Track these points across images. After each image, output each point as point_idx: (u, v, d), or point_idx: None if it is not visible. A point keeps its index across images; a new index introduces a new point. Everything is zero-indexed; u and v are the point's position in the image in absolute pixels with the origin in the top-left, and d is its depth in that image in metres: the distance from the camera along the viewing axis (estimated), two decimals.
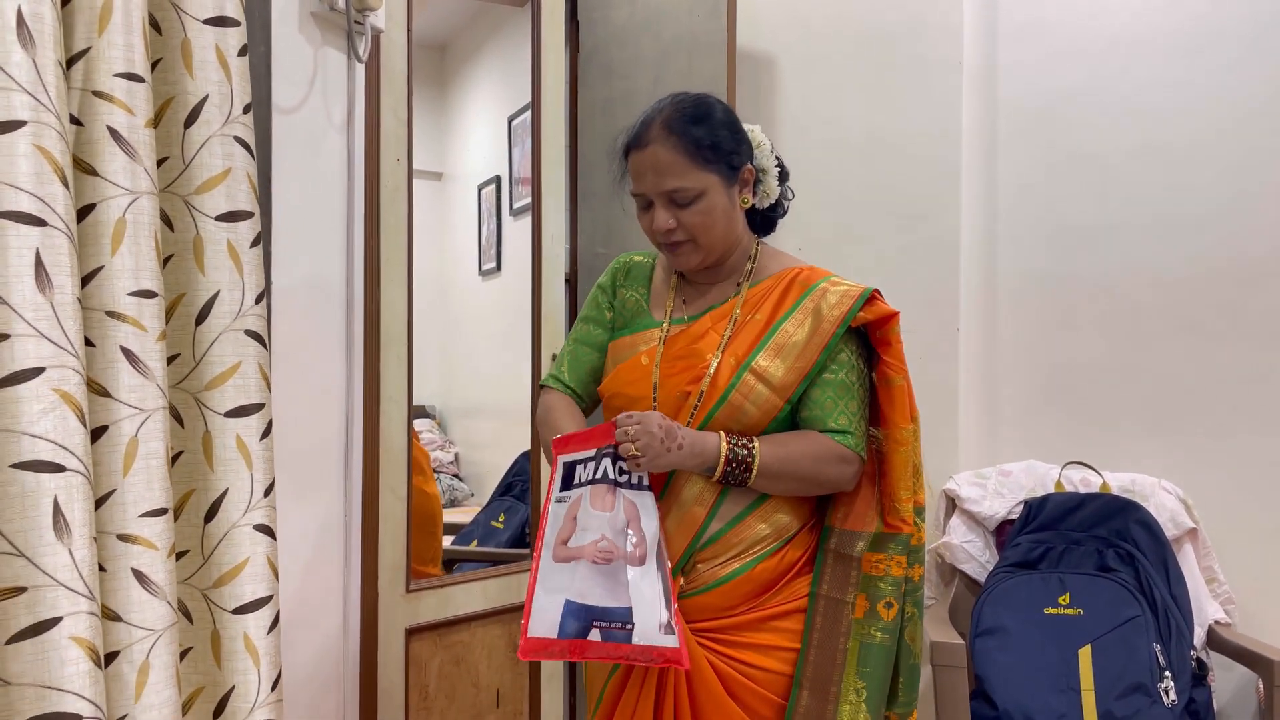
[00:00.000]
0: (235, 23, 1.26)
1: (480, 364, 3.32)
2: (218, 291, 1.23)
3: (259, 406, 1.26)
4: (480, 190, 3.22)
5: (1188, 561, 2.32)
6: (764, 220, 1.60)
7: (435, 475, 3.31)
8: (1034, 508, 2.33)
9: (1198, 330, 2.49)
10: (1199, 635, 2.23)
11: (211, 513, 1.23)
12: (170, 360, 1.23)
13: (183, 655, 1.24)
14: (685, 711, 1.41)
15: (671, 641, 1.28)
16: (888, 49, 2.76)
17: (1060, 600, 2.17)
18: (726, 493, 1.44)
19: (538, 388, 2.28)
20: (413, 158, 2.02)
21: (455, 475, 3.42)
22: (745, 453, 1.41)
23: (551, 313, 2.31)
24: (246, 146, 1.27)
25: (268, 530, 1.26)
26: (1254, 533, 2.41)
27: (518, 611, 2.19)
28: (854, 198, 2.72)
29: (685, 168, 1.43)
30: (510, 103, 3.04)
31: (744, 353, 1.46)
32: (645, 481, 1.39)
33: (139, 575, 1.07)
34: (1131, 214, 2.56)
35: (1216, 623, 2.28)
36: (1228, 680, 2.36)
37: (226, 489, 1.23)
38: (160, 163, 1.23)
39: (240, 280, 1.24)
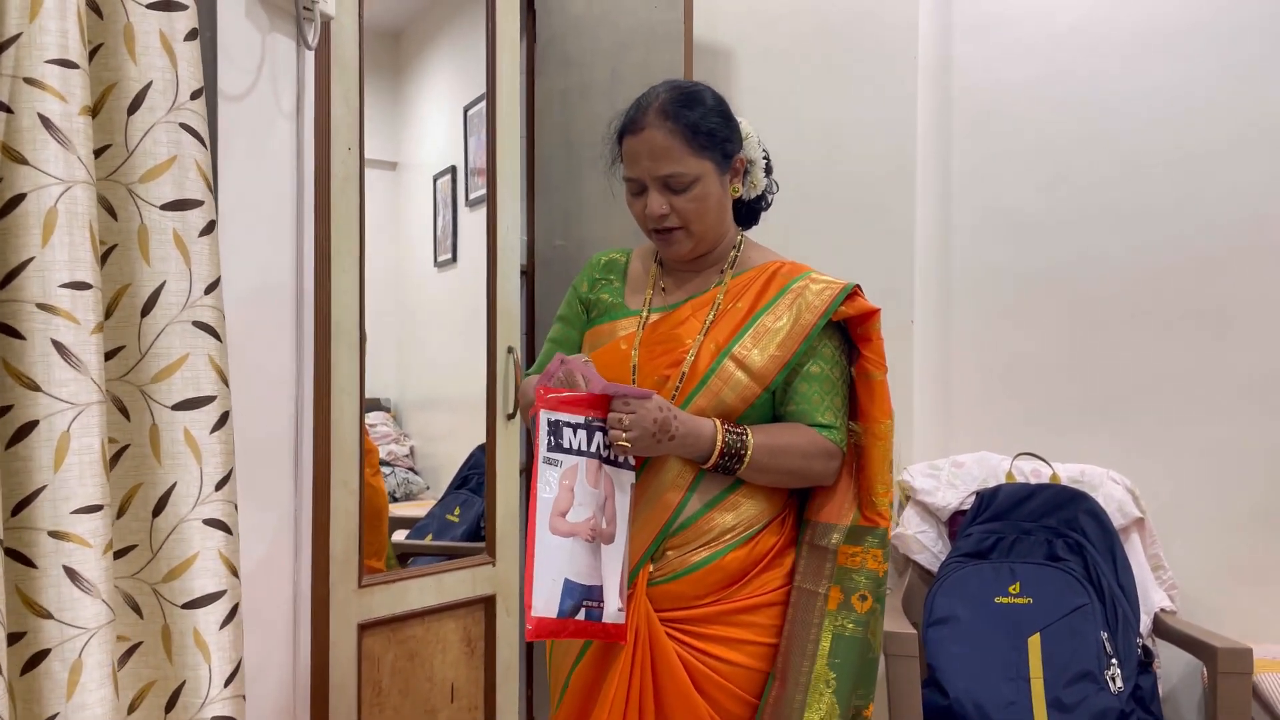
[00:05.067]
0: (182, 6, 1.23)
1: (436, 356, 3.29)
2: (164, 282, 1.19)
3: (210, 399, 1.23)
4: (435, 181, 3.18)
5: (1134, 550, 2.36)
6: (749, 211, 1.61)
7: (390, 469, 3.28)
8: (986, 498, 2.36)
9: (1146, 322, 2.53)
10: (1145, 623, 2.28)
11: (159, 507, 1.20)
12: (115, 352, 1.20)
13: (133, 650, 1.22)
14: (650, 706, 1.40)
15: (621, 619, 1.37)
16: (843, 42, 2.77)
17: (1011, 589, 2.20)
18: (701, 478, 1.44)
19: (494, 382, 2.28)
20: (365, 147, 1.99)
21: (410, 469, 3.39)
22: (739, 444, 1.41)
23: (507, 305, 2.29)
24: (195, 134, 1.23)
25: (220, 525, 1.23)
26: (1199, 522, 2.46)
27: (473, 605, 2.18)
28: (810, 190, 2.73)
29: (681, 153, 1.43)
30: (466, 92, 3.00)
31: (724, 339, 1.46)
32: (631, 461, 1.41)
33: (71, 573, 1.04)
34: (1082, 207, 2.60)
35: (1162, 610, 2.32)
36: (1173, 667, 2.41)
37: (174, 483, 1.20)
38: (102, 150, 1.19)
39: (188, 270, 1.21)
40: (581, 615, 1.33)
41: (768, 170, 1.58)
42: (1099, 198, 2.59)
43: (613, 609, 1.35)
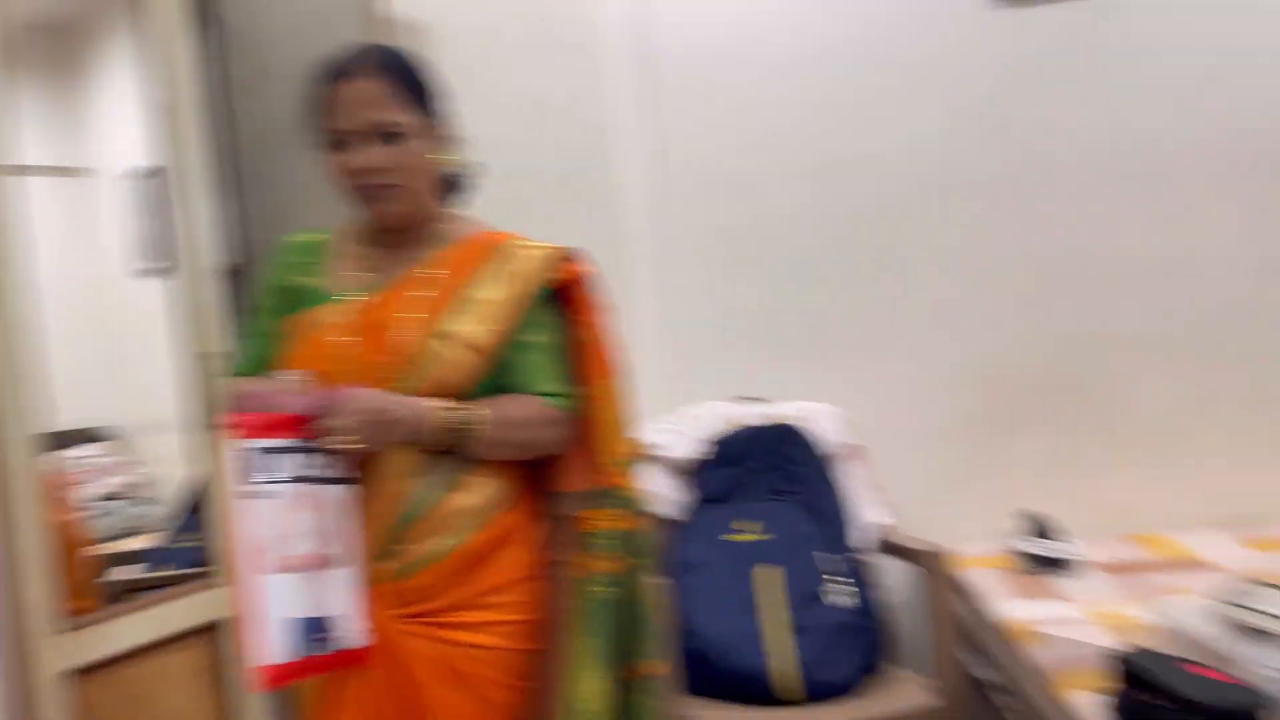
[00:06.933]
0: None
1: (154, 374, 3.05)
2: None
3: None
4: (125, 184, 2.94)
5: (853, 475, 2.55)
6: (448, 190, 1.57)
7: (115, 502, 3.03)
8: (717, 445, 2.47)
9: (848, 268, 2.73)
10: (867, 540, 2.46)
11: None
12: None
13: None
14: (392, 711, 1.36)
15: (364, 641, 1.30)
16: (540, 13, 2.78)
17: (741, 525, 2.32)
18: (429, 463, 1.39)
19: (199, 394, 2.14)
20: (25, 152, 1.80)
21: (143, 499, 3.15)
22: (464, 419, 1.38)
23: (208, 309, 2.15)
24: None
25: None
26: (906, 443, 2.69)
27: (201, 634, 2.05)
28: (519, 163, 2.71)
29: (393, 103, 1.39)
30: (149, 87, 2.78)
31: (438, 318, 1.42)
32: (348, 474, 1.33)
33: None
34: (781, 163, 2.75)
35: (880, 527, 2.52)
36: (896, 578, 2.62)
37: None
38: None
39: None
40: (314, 650, 1.26)
41: (465, 151, 1.56)
42: (794, 153, 2.74)
43: (352, 633, 1.29)
